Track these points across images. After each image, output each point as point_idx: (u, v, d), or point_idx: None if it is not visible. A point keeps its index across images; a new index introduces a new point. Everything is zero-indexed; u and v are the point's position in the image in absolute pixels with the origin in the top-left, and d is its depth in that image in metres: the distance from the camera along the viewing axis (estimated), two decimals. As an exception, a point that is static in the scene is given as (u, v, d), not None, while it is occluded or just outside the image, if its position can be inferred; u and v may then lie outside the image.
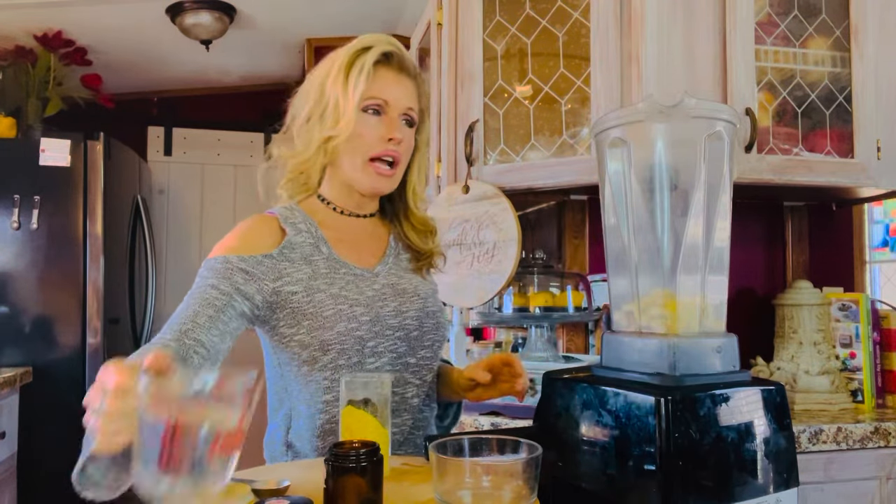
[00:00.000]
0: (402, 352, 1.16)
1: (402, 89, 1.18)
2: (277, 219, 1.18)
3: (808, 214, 2.17)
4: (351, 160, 1.17)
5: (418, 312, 1.19)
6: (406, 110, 1.19)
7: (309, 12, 3.20)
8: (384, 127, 1.16)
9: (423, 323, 1.19)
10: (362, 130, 1.15)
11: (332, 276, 1.15)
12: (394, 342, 1.15)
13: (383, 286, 1.18)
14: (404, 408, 1.17)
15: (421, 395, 1.20)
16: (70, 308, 2.82)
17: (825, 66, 1.80)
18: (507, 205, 1.75)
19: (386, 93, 1.16)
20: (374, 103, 1.16)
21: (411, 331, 1.18)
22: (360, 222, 1.24)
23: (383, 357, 1.14)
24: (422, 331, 1.19)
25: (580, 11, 1.77)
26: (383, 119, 1.16)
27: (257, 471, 1.01)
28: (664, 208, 0.94)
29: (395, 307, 1.17)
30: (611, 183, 1.00)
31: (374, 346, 1.13)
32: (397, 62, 1.19)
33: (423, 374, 1.20)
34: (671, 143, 0.95)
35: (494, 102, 1.87)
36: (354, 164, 1.17)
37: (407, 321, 1.17)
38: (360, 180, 1.18)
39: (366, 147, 1.16)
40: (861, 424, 1.61)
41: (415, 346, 1.18)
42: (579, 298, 1.81)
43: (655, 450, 0.84)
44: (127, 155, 3.33)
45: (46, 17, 3.03)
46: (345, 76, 1.15)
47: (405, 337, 1.17)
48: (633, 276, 0.97)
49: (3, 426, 2.47)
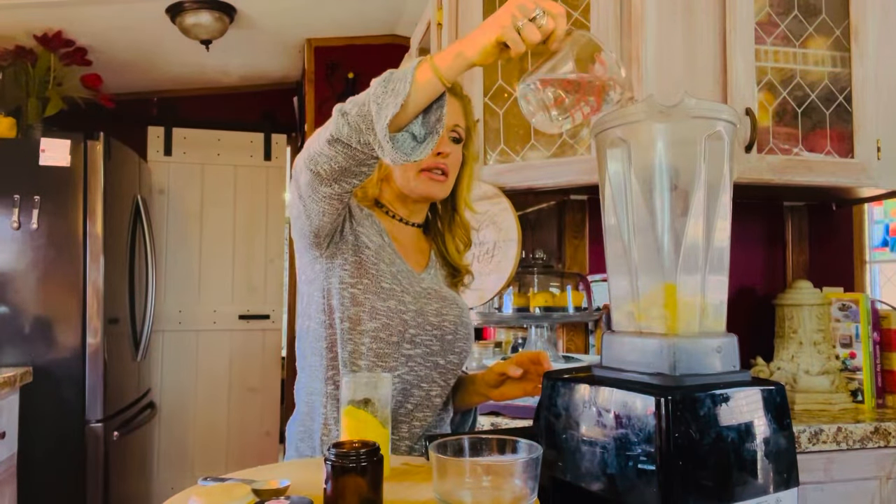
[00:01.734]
0: (436, 350, 1.23)
1: (451, 111, 1.24)
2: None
3: (808, 214, 2.17)
4: (404, 174, 1.26)
5: (456, 319, 1.26)
6: (453, 127, 1.28)
7: (309, 12, 3.20)
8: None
9: (458, 330, 1.27)
10: None
11: (393, 258, 1.23)
12: (430, 338, 1.22)
13: (428, 288, 1.26)
14: (427, 404, 1.23)
15: (443, 396, 1.26)
16: (70, 308, 2.82)
17: (825, 66, 1.80)
18: (507, 205, 1.75)
19: None
20: None
21: (447, 333, 1.24)
22: (409, 230, 1.33)
23: (418, 348, 1.21)
24: (456, 336, 1.26)
25: (580, 11, 1.77)
26: None
27: (257, 471, 1.01)
28: (664, 208, 0.94)
29: (436, 308, 1.24)
30: (611, 183, 1.00)
31: (414, 334, 1.20)
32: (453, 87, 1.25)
33: (447, 377, 1.26)
34: (671, 143, 0.95)
35: (494, 102, 1.87)
36: (408, 177, 1.26)
37: (445, 323, 1.24)
38: (415, 188, 1.26)
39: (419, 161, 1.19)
40: (861, 424, 1.61)
41: (446, 349, 1.25)
42: (579, 298, 1.81)
43: (655, 450, 0.84)
44: (127, 155, 3.33)
45: (46, 17, 3.03)
46: None
47: (441, 337, 1.23)
48: (633, 276, 0.97)
49: (3, 426, 2.47)
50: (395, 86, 0.95)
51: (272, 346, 4.24)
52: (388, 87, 0.95)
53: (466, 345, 1.29)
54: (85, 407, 2.80)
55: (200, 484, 0.95)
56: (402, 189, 1.28)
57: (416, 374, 1.21)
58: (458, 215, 1.37)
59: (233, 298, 4.20)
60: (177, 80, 4.04)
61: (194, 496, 0.83)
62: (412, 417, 1.22)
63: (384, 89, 0.95)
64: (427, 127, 0.99)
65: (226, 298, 4.19)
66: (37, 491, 2.65)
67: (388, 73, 0.98)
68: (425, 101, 0.97)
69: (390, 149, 0.95)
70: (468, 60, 0.97)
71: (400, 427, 1.21)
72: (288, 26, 3.34)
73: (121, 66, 3.62)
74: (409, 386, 1.21)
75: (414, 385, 1.21)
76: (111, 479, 2.85)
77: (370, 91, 0.97)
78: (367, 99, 0.97)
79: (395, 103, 0.94)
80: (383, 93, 0.95)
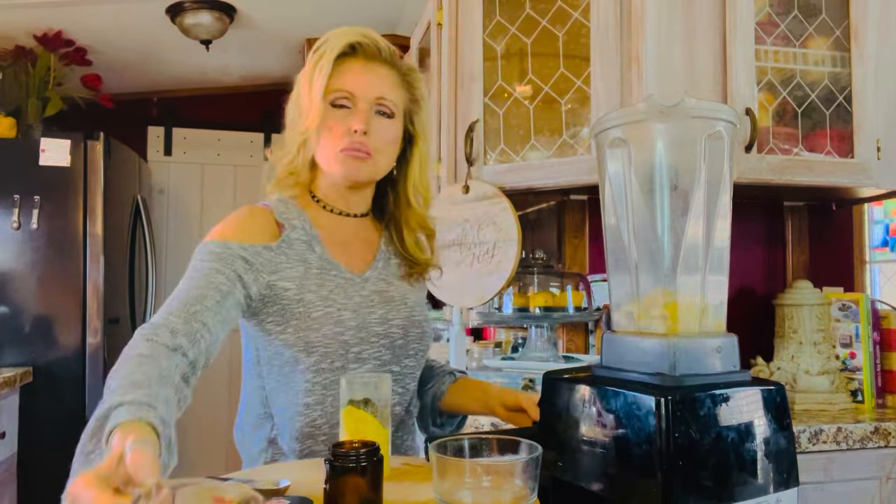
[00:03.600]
0: (387, 360, 1.16)
1: (371, 79, 1.16)
2: (273, 212, 1.16)
3: (808, 214, 2.17)
4: (324, 154, 1.16)
5: (404, 321, 1.18)
6: (377, 100, 1.16)
7: (309, 12, 3.20)
8: (352, 118, 1.14)
9: (409, 332, 1.19)
10: (331, 124, 1.14)
11: (324, 277, 1.14)
12: (378, 349, 1.15)
13: (371, 293, 1.17)
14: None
15: (403, 404, 1.20)
16: (70, 308, 2.82)
17: (825, 66, 1.80)
18: (507, 205, 1.75)
19: (350, 84, 1.15)
20: (339, 96, 1.15)
21: (396, 339, 1.17)
22: (350, 222, 1.22)
23: (367, 363, 1.14)
24: (406, 340, 1.18)
25: (580, 11, 1.77)
26: (351, 111, 1.15)
27: (257, 471, 1.01)
28: (664, 208, 0.94)
29: (381, 315, 1.16)
30: (611, 183, 1.00)
31: (359, 352, 1.13)
32: (365, 52, 1.17)
33: (406, 382, 1.20)
34: (671, 143, 0.95)
35: (494, 102, 1.87)
36: (328, 157, 1.16)
37: (392, 329, 1.17)
38: (336, 170, 1.16)
39: (334, 140, 1.15)
40: (861, 424, 1.61)
41: (399, 355, 1.18)
42: (579, 298, 1.81)
43: (655, 450, 0.84)
44: (127, 155, 3.33)
45: (46, 17, 3.03)
46: (310, 74, 1.15)
47: (390, 345, 1.16)
48: (633, 276, 0.97)
49: (3, 426, 2.47)
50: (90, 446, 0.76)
51: (272, 346, 4.24)
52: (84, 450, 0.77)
53: (421, 344, 1.21)
54: (85, 407, 2.80)
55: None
56: (329, 173, 1.18)
57: None
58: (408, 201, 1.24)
59: (233, 298, 4.20)
60: (177, 80, 4.04)
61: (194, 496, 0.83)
62: None
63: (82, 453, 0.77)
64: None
65: (226, 298, 4.18)
66: (37, 491, 2.65)
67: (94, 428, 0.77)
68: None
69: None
70: None
71: None
72: (288, 26, 3.34)
73: (121, 66, 3.62)
74: None
75: None
76: (111, 479, 2.85)
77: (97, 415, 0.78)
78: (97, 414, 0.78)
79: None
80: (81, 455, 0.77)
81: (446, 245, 1.78)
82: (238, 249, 1.08)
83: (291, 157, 1.18)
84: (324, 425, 1.12)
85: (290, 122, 1.20)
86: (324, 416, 1.12)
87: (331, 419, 1.12)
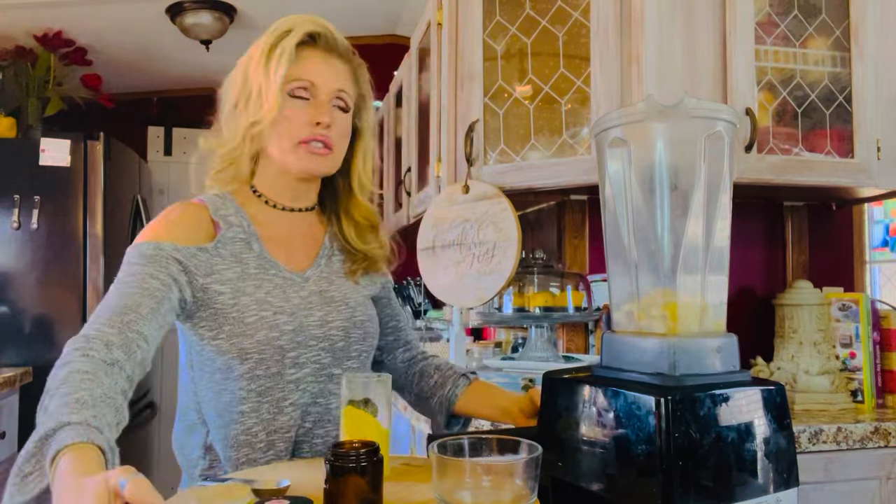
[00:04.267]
0: (327, 363, 1.13)
1: (330, 71, 1.14)
2: (208, 209, 1.12)
3: (808, 214, 2.17)
4: (279, 145, 1.11)
5: (345, 323, 1.15)
6: (337, 93, 1.14)
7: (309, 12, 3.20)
8: (312, 110, 1.11)
9: (350, 334, 1.15)
10: (289, 114, 1.10)
11: (261, 277, 1.10)
12: (317, 353, 1.11)
13: (311, 293, 1.13)
14: (328, 419, 1.13)
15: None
16: (70, 308, 2.82)
17: (825, 66, 1.80)
18: (507, 205, 1.75)
19: (311, 74, 1.12)
20: (299, 86, 1.11)
21: (336, 342, 1.13)
22: (293, 218, 1.19)
23: (305, 368, 1.10)
24: (348, 342, 1.15)
25: (580, 11, 1.77)
26: (311, 102, 1.12)
27: (257, 471, 1.01)
28: (664, 208, 0.94)
29: (320, 317, 1.12)
30: (611, 183, 1.00)
31: (296, 356, 1.09)
32: (324, 43, 1.14)
33: None
34: (671, 143, 0.95)
35: (494, 102, 1.87)
36: (283, 149, 1.11)
37: (332, 332, 1.13)
38: (293, 163, 1.12)
39: (294, 131, 1.10)
40: (861, 424, 1.61)
41: (340, 357, 1.14)
42: (579, 298, 1.81)
43: (655, 450, 0.84)
44: (127, 155, 3.33)
45: (46, 17, 3.03)
46: (266, 59, 1.10)
47: (329, 348, 1.13)
48: (633, 276, 0.97)
49: (3, 426, 2.47)
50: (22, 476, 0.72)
51: (272, 346, 4.24)
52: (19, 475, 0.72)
53: (364, 345, 1.17)
54: (85, 407, 2.80)
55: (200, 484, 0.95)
56: (280, 164, 1.13)
57: (310, 392, 1.11)
58: (353, 195, 1.21)
59: (233, 298, 4.20)
60: (177, 80, 4.04)
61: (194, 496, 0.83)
62: (312, 436, 1.12)
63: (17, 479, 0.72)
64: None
65: (226, 298, 4.18)
66: (37, 491, 2.65)
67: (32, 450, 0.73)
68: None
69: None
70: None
71: (301, 447, 1.11)
72: (288, 26, 3.33)
73: (121, 66, 3.62)
74: (304, 407, 1.11)
75: (310, 404, 1.11)
76: (111, 479, 2.85)
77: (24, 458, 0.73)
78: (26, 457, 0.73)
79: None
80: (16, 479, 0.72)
81: (446, 245, 1.78)
82: (171, 251, 1.03)
83: (234, 145, 1.13)
84: (260, 432, 1.08)
85: (234, 108, 1.14)
86: (260, 423, 1.08)
87: (268, 426, 1.08)
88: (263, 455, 1.08)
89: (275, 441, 1.08)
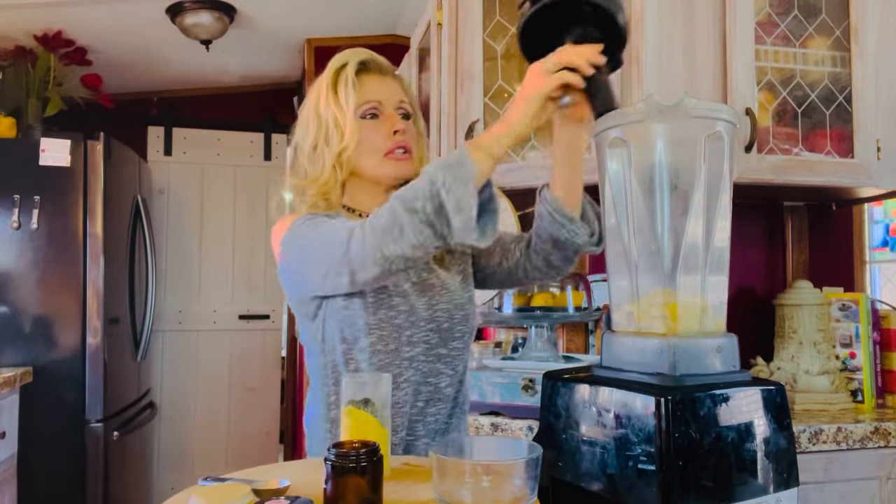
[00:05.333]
0: (434, 343, 1.22)
1: (388, 88, 1.26)
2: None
3: (808, 214, 2.16)
4: (369, 161, 1.23)
5: (447, 305, 1.24)
6: (399, 104, 1.27)
7: (309, 12, 3.20)
8: (386, 124, 1.24)
9: (453, 315, 1.24)
10: (368, 134, 1.22)
11: None
12: (426, 333, 1.21)
13: (414, 283, 1.23)
14: (438, 397, 1.22)
15: (455, 385, 1.25)
16: (70, 308, 2.82)
17: (825, 66, 1.80)
18: (507, 204, 1.75)
19: (375, 94, 1.24)
20: (369, 107, 1.23)
21: (442, 322, 1.23)
22: None
23: (417, 347, 1.20)
24: (452, 322, 1.24)
25: (580, 11, 1.77)
26: (382, 119, 1.24)
27: (257, 471, 1.01)
28: (664, 208, 0.94)
29: (426, 301, 1.22)
30: (611, 183, 1.00)
31: (410, 335, 1.19)
32: (376, 67, 1.27)
33: (455, 363, 1.25)
34: (671, 143, 0.95)
35: (494, 102, 1.87)
36: (374, 163, 1.23)
37: (438, 314, 1.22)
38: (386, 173, 1.24)
39: (378, 146, 1.23)
40: (861, 424, 1.61)
41: (446, 338, 1.23)
42: (579, 298, 1.80)
43: (655, 450, 0.84)
44: (127, 155, 3.33)
45: (46, 17, 3.03)
46: (334, 94, 1.23)
47: (437, 329, 1.22)
48: (633, 276, 0.97)
49: (3, 426, 2.47)
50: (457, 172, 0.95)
51: (272, 346, 4.24)
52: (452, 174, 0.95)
53: (466, 326, 1.27)
54: (85, 407, 2.80)
55: (200, 484, 0.95)
56: (374, 178, 1.25)
57: (422, 371, 1.21)
58: None
59: (233, 298, 4.20)
60: (177, 80, 4.04)
61: (194, 496, 0.83)
62: (425, 414, 1.22)
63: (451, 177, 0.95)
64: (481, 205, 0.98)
65: (226, 298, 4.19)
66: (37, 491, 2.65)
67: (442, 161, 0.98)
68: (481, 182, 0.98)
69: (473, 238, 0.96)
70: (515, 131, 0.99)
71: (415, 426, 1.21)
72: (288, 26, 3.34)
73: (121, 66, 3.62)
74: (417, 385, 1.21)
75: (421, 383, 1.21)
76: (111, 479, 2.85)
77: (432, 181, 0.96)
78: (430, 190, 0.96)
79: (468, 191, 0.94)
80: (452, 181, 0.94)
81: (446, 245, 1.78)
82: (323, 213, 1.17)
83: (325, 178, 1.24)
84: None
85: (313, 149, 1.25)
86: None
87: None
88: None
89: (392, 415, 1.16)
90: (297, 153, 1.28)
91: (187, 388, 4.06)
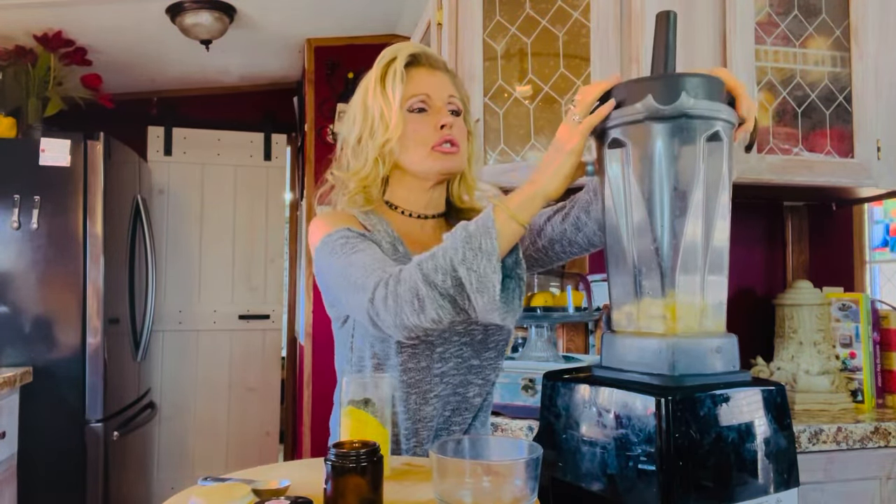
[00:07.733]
0: (467, 356, 1.20)
1: (438, 81, 1.23)
2: (356, 216, 1.21)
3: (808, 214, 2.17)
4: (414, 156, 1.19)
5: None
6: (449, 99, 1.22)
7: (309, 12, 3.20)
8: (434, 118, 1.20)
9: (488, 327, 1.21)
10: (415, 128, 1.19)
11: None
12: (459, 347, 1.18)
13: None
14: (465, 406, 1.21)
15: (483, 395, 1.23)
16: (70, 308, 2.82)
17: (825, 66, 1.80)
18: (507, 205, 1.74)
19: (424, 87, 1.21)
20: (417, 101, 1.20)
21: (476, 335, 1.20)
22: (427, 224, 1.26)
23: (449, 362, 1.17)
24: (486, 334, 1.21)
25: (580, 11, 1.77)
26: (430, 112, 1.21)
27: (257, 471, 1.01)
28: (664, 208, 0.94)
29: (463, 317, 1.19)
30: (610, 183, 1.00)
31: (443, 351, 1.17)
32: (426, 60, 1.24)
33: (486, 373, 1.22)
34: (670, 143, 0.95)
35: (494, 102, 1.87)
36: (420, 157, 1.19)
37: (472, 327, 1.19)
38: (431, 167, 1.20)
39: (424, 139, 1.19)
40: (861, 424, 1.61)
41: (479, 350, 1.21)
42: (579, 298, 1.80)
43: (655, 450, 0.84)
44: (127, 155, 3.33)
45: (46, 17, 3.03)
46: (382, 87, 1.19)
47: (470, 342, 1.19)
48: (632, 277, 0.97)
49: (3, 426, 2.47)
50: (480, 243, 0.93)
51: (272, 346, 4.24)
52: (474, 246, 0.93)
53: (501, 335, 1.23)
54: (85, 407, 2.80)
55: (200, 484, 0.95)
56: (418, 173, 1.21)
57: (451, 384, 1.19)
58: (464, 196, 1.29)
59: (233, 298, 4.20)
60: (177, 80, 4.04)
61: (194, 496, 0.83)
62: (450, 423, 1.20)
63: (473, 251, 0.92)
64: (505, 271, 0.96)
65: (226, 298, 4.19)
66: (37, 491, 2.65)
67: (463, 231, 0.95)
68: (507, 249, 0.97)
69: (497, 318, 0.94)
70: (546, 192, 0.98)
71: (440, 435, 1.19)
72: (288, 26, 3.34)
73: (121, 66, 3.62)
74: (446, 398, 1.18)
75: (450, 394, 1.19)
76: (111, 479, 2.85)
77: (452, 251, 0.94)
78: (450, 262, 0.93)
79: (491, 266, 0.91)
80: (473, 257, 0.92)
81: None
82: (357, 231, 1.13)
83: (368, 171, 1.21)
84: (406, 420, 1.16)
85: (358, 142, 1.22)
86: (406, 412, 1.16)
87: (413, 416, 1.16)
88: (406, 442, 1.17)
89: (419, 429, 1.17)
90: (343, 147, 1.26)
91: (187, 388, 4.05)
